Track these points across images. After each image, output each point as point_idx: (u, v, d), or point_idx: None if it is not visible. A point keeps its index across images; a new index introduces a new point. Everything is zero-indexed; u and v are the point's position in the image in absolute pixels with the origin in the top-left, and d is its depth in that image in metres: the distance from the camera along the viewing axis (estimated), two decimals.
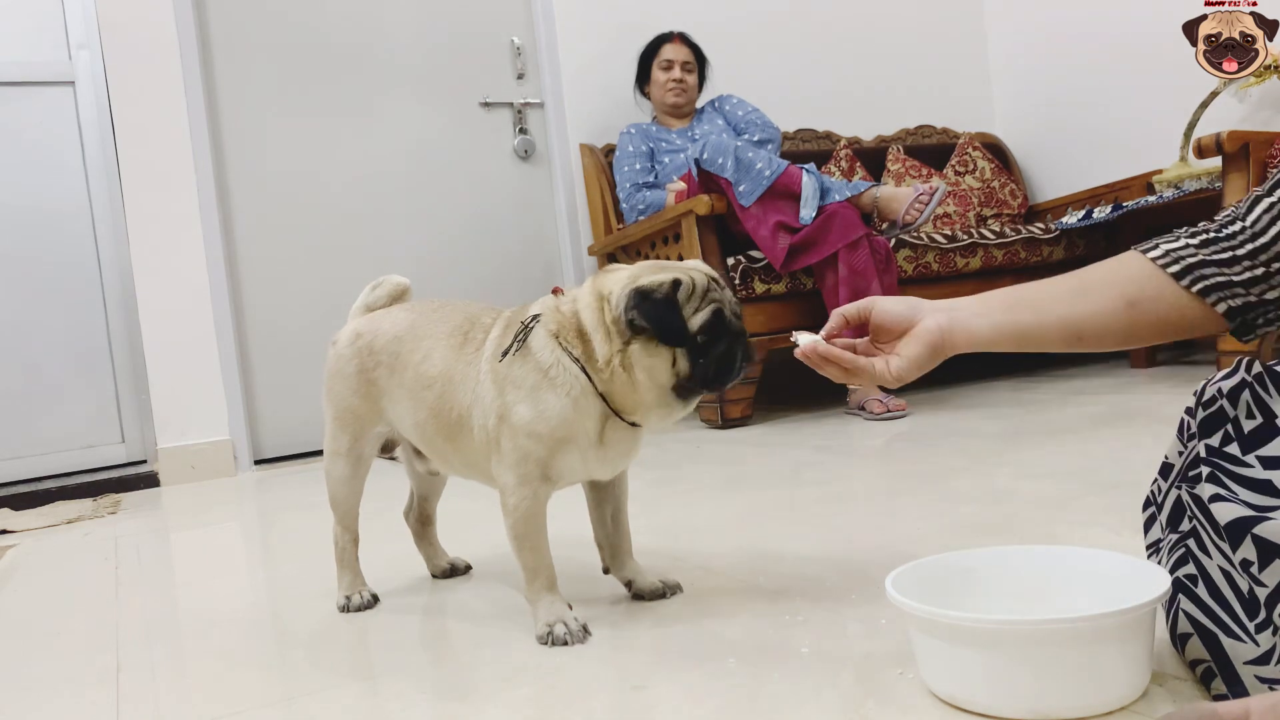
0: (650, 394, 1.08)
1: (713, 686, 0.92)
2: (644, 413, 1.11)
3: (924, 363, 0.95)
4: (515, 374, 1.11)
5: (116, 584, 1.70)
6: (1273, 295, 0.84)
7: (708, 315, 1.06)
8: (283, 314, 3.34)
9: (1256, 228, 0.83)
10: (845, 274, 2.72)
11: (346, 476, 1.33)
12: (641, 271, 1.09)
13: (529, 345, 1.11)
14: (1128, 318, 0.88)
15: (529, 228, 3.69)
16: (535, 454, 1.10)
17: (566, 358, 1.09)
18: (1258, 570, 0.69)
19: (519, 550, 1.13)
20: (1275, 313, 0.85)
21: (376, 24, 3.51)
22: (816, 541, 1.45)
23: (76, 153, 3.22)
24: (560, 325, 1.11)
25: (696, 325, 1.06)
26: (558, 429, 1.09)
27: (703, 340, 1.06)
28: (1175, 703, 0.76)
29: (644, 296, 1.05)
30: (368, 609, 1.32)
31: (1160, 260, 0.88)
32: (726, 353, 1.07)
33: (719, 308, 1.08)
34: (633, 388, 1.08)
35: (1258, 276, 0.84)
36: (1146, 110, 3.56)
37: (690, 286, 1.07)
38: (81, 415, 3.21)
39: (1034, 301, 0.93)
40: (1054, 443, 2.08)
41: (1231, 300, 0.85)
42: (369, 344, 1.29)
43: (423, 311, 1.28)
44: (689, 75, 3.46)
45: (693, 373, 1.07)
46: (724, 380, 1.09)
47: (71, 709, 1.08)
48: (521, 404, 1.09)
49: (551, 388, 1.09)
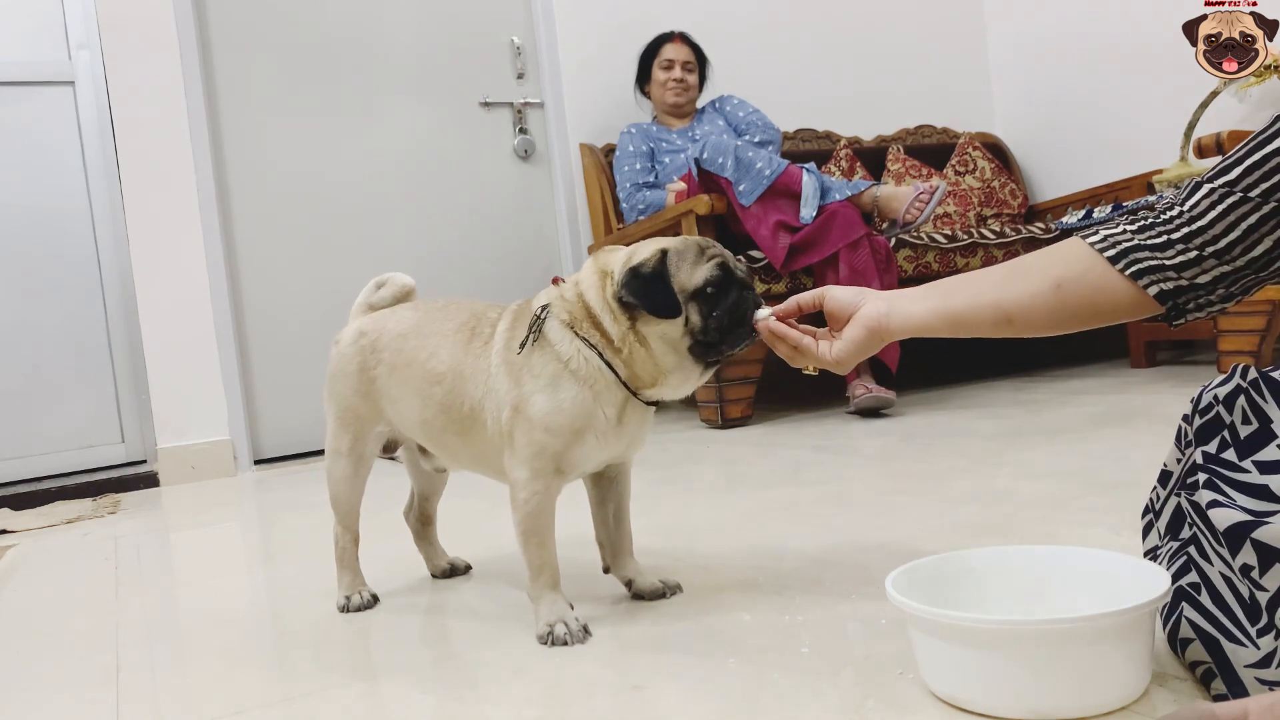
0: (669, 358, 1.09)
1: (713, 686, 0.92)
2: (664, 381, 1.11)
3: (862, 345, 1.01)
4: (534, 364, 1.11)
5: (116, 584, 1.70)
6: (1204, 279, 0.86)
7: (713, 268, 1.07)
8: (283, 314, 3.34)
9: (1194, 212, 0.85)
10: (846, 273, 2.72)
11: (348, 476, 1.33)
12: (638, 249, 1.11)
13: (546, 336, 1.11)
14: (1055, 299, 0.91)
15: (529, 227, 3.69)
16: (551, 447, 1.10)
17: (586, 347, 1.09)
18: (1258, 575, 0.70)
19: (525, 546, 1.13)
20: (1206, 298, 0.87)
21: (376, 23, 3.51)
22: (816, 541, 1.45)
23: (76, 152, 3.22)
24: (571, 313, 1.11)
25: (701, 279, 1.07)
26: (576, 420, 1.09)
27: (711, 292, 1.07)
28: (1175, 703, 0.76)
29: (633, 274, 1.07)
30: (368, 609, 1.32)
31: (1098, 245, 0.90)
32: (737, 301, 1.08)
33: (722, 260, 1.09)
34: (651, 358, 1.09)
35: (1189, 260, 0.86)
36: (1146, 110, 3.56)
37: (681, 250, 1.08)
38: (81, 415, 3.21)
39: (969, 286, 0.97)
40: (1054, 443, 2.08)
41: (1163, 284, 0.87)
42: (372, 342, 1.29)
43: (428, 310, 1.28)
44: (690, 75, 3.46)
45: (706, 326, 1.07)
46: (739, 330, 1.08)
47: (71, 709, 1.08)
48: (540, 394, 1.09)
49: (573, 379, 1.09)
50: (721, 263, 1.08)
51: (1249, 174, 0.82)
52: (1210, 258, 0.85)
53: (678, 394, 1.14)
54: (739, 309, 1.08)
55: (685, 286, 1.07)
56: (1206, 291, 0.87)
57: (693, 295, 1.07)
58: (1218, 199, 0.84)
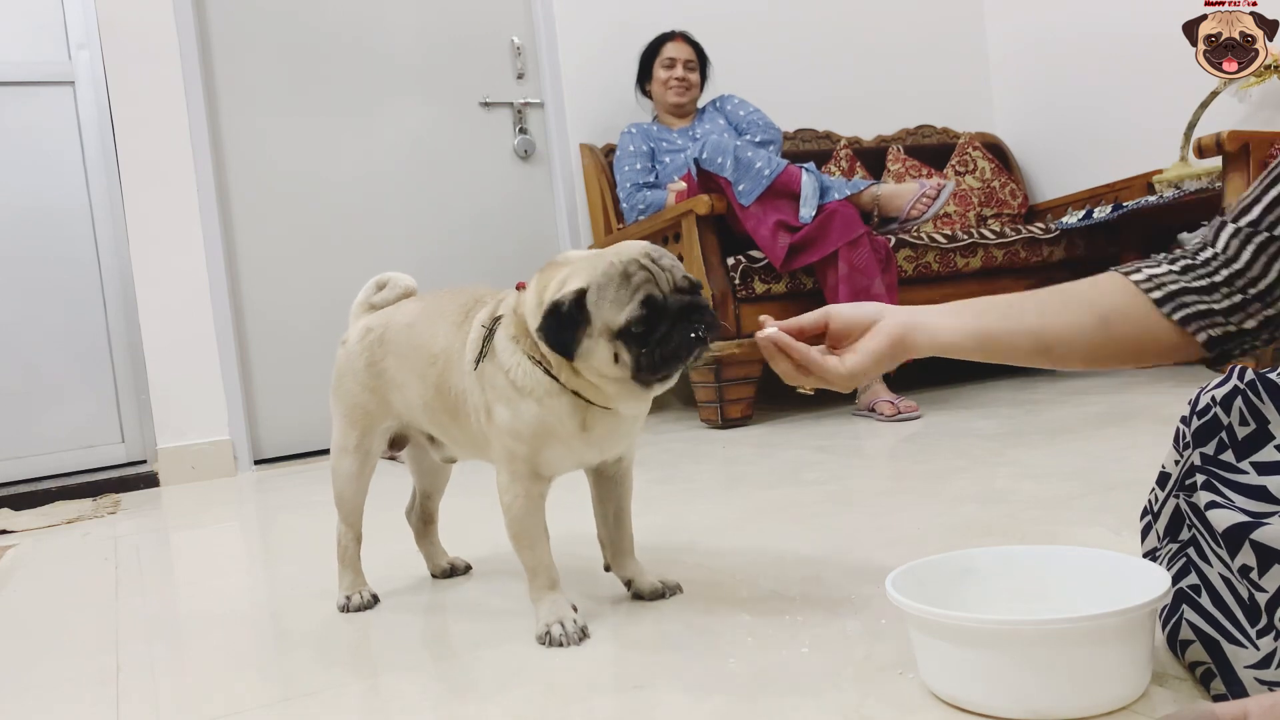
0: (610, 386, 1.05)
1: (713, 686, 0.92)
2: (615, 402, 1.08)
3: (882, 357, 0.92)
4: (488, 375, 1.11)
5: (116, 584, 1.70)
6: (1250, 325, 0.84)
7: (635, 306, 1.00)
8: (283, 313, 3.34)
9: (1229, 253, 0.83)
10: (846, 272, 2.72)
11: (354, 473, 1.34)
12: (569, 278, 1.04)
13: (494, 348, 1.11)
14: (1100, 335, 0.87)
15: (529, 227, 3.69)
16: (520, 452, 1.10)
17: (528, 362, 1.08)
18: (1257, 576, 0.70)
19: (517, 548, 1.14)
20: (1250, 342, 0.85)
21: (377, 23, 3.51)
22: (816, 541, 1.45)
23: (76, 152, 3.21)
24: (518, 329, 1.09)
25: (624, 319, 1.00)
26: (535, 428, 1.09)
27: (637, 330, 1.00)
28: (1175, 703, 0.76)
29: (550, 312, 1.02)
30: (368, 609, 1.32)
31: (1143, 284, 0.87)
32: (667, 336, 1.01)
33: (648, 297, 1.01)
34: (590, 383, 1.06)
35: (1236, 305, 0.83)
36: (1146, 110, 3.56)
37: (603, 285, 1.01)
38: (81, 415, 3.21)
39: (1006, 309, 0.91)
40: (1054, 443, 2.08)
41: (1212, 330, 0.84)
42: (380, 336, 1.30)
43: (435, 297, 1.30)
44: (691, 74, 3.46)
45: (637, 361, 1.02)
46: (674, 364, 1.02)
47: (71, 709, 1.08)
48: (498, 405, 1.10)
49: (519, 394, 1.09)
50: (646, 297, 1.01)
51: (1269, 212, 0.81)
52: (1254, 300, 0.82)
53: (632, 410, 1.11)
54: (669, 341, 1.01)
55: (610, 325, 1.01)
56: (1253, 336, 0.84)
57: (618, 334, 1.01)
58: (1245, 239, 0.82)
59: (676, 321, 1.02)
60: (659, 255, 1.05)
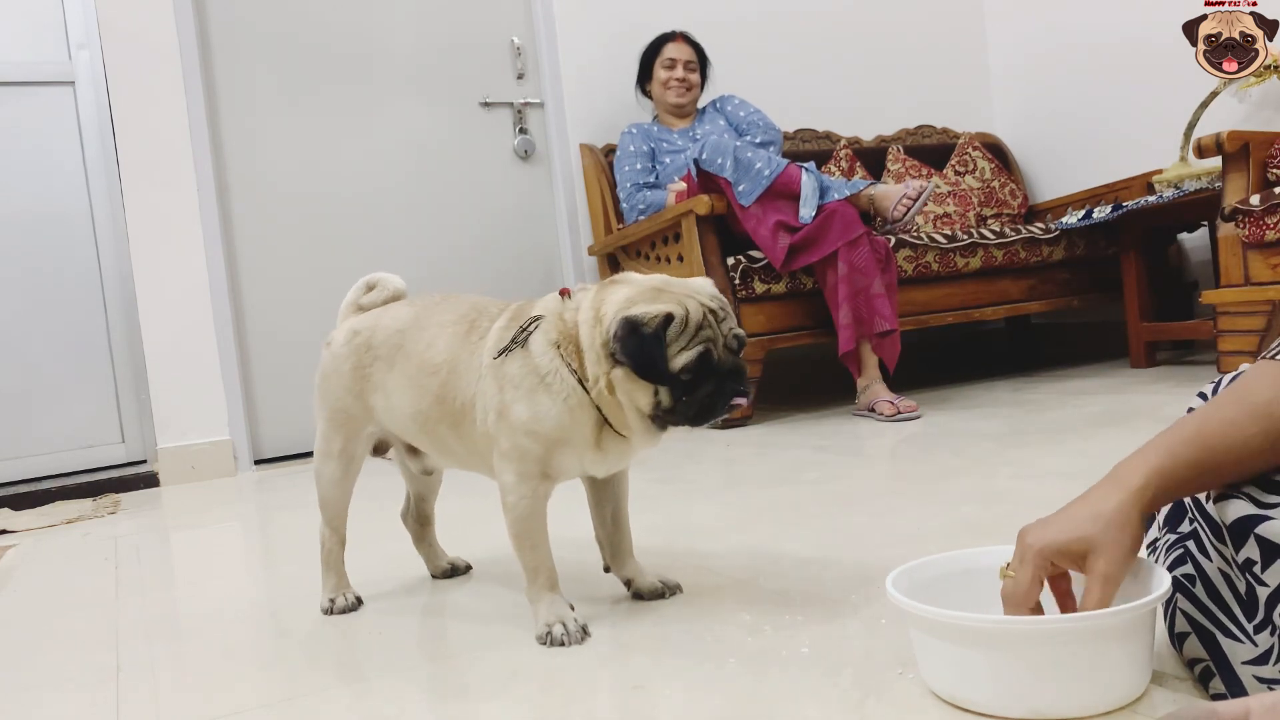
0: (631, 414, 1.08)
1: (713, 686, 0.92)
2: (631, 431, 1.10)
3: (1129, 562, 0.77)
4: (513, 374, 1.10)
5: (116, 584, 1.70)
6: None
7: (693, 357, 1.03)
8: (283, 314, 3.34)
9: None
10: (845, 272, 2.72)
11: (338, 478, 1.33)
12: (640, 294, 1.06)
13: (529, 347, 1.10)
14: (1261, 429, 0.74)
15: (529, 228, 3.69)
16: (534, 452, 1.10)
17: (564, 368, 1.09)
18: (1260, 570, 0.70)
19: (519, 548, 1.13)
20: None
21: (377, 24, 3.51)
22: (816, 541, 1.45)
23: (76, 153, 3.21)
24: (562, 335, 1.10)
25: (680, 364, 1.03)
26: (554, 430, 1.09)
27: (686, 379, 1.03)
28: (1175, 703, 0.76)
29: (631, 330, 1.02)
30: (352, 611, 1.32)
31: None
32: (711, 394, 1.05)
33: (706, 350, 1.04)
34: (617, 407, 1.08)
35: None
36: (1146, 110, 3.56)
37: (683, 322, 1.04)
38: (81, 415, 3.21)
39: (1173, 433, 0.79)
40: (1054, 443, 2.08)
41: None
42: (367, 340, 1.29)
43: (426, 304, 1.29)
44: (692, 74, 3.46)
45: (674, 408, 1.05)
46: (704, 420, 1.06)
47: (71, 709, 1.08)
48: (519, 403, 1.10)
49: (547, 392, 1.09)
50: (704, 352, 1.03)
51: None
52: None
53: (642, 445, 1.12)
54: (709, 401, 1.05)
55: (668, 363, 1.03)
56: None
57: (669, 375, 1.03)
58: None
59: (723, 381, 1.05)
60: (722, 306, 1.09)
